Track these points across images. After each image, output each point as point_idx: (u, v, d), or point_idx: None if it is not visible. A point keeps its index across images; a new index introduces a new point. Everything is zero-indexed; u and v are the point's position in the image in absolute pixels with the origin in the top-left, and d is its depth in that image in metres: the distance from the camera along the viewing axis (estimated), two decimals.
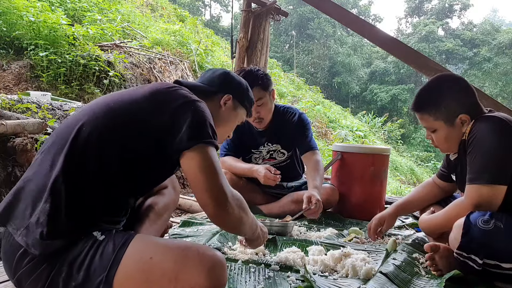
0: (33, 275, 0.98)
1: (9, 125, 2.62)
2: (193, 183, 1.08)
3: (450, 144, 1.68)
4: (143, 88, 1.19)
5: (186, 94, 1.18)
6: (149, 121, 1.11)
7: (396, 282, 1.39)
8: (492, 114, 1.58)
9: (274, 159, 2.58)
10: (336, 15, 3.21)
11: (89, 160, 1.04)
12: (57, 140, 1.09)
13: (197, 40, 8.63)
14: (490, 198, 1.42)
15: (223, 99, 1.39)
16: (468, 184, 1.49)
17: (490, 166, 1.45)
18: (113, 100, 1.15)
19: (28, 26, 4.97)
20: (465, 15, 37.84)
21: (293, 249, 1.65)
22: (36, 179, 1.04)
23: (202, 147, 1.09)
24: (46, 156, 1.08)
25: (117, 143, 1.08)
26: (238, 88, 1.46)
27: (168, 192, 1.56)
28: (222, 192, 1.08)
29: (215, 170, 1.08)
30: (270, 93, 2.40)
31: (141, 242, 1.01)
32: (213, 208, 1.07)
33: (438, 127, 1.64)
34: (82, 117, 1.11)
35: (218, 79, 1.42)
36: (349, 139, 9.39)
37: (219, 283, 0.98)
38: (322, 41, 33.18)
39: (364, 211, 2.49)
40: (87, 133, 1.06)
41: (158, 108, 1.12)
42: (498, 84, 28.76)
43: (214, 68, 1.51)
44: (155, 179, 1.26)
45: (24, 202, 1.02)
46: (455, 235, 1.40)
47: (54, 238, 0.97)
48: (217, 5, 37.73)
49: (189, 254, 0.97)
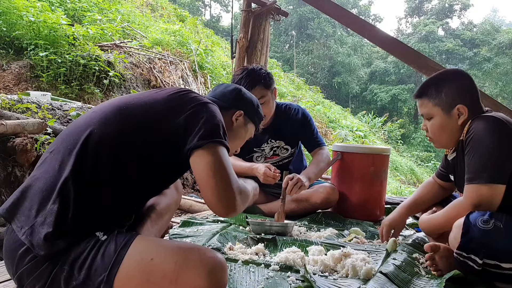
0: (35, 273, 0.98)
1: (9, 125, 2.62)
2: (202, 182, 1.08)
3: (444, 135, 1.67)
4: (157, 93, 1.21)
5: (200, 97, 1.20)
6: (164, 125, 1.11)
7: (396, 282, 1.39)
8: (489, 114, 1.58)
9: (278, 155, 2.58)
10: (336, 15, 3.21)
11: (101, 164, 1.04)
12: (67, 140, 1.09)
13: (197, 40, 8.63)
14: (489, 198, 1.42)
15: (235, 115, 1.42)
16: (467, 184, 1.49)
17: (488, 166, 1.45)
18: (125, 104, 1.15)
19: (28, 26, 4.97)
20: (465, 15, 37.82)
21: (293, 249, 1.65)
22: (45, 178, 1.04)
23: (213, 146, 1.09)
24: (55, 155, 1.07)
25: (131, 148, 1.08)
26: (250, 105, 1.49)
27: (170, 193, 1.56)
28: (231, 193, 1.08)
29: (224, 170, 1.09)
30: (272, 92, 2.40)
31: (142, 243, 1.02)
32: (221, 209, 1.08)
33: (435, 113, 1.64)
34: (93, 119, 1.11)
35: (231, 95, 1.44)
36: (349, 139, 9.39)
37: (220, 285, 0.98)
38: (322, 41, 33.18)
39: (364, 211, 2.49)
40: (99, 136, 1.06)
41: (173, 111, 1.13)
42: (498, 84, 28.76)
43: (225, 83, 1.54)
44: (166, 183, 1.28)
45: (30, 201, 1.03)
46: (455, 235, 1.40)
47: (58, 239, 0.97)
48: (217, 5, 37.75)
49: (190, 256, 0.98)
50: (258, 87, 2.29)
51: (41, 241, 0.96)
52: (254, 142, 2.56)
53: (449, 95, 1.61)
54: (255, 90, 2.28)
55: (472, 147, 1.51)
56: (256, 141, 2.55)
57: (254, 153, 2.58)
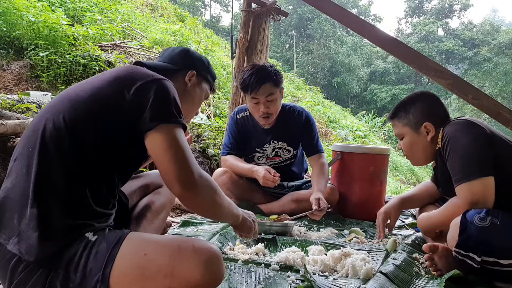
0: (30, 281, 0.96)
1: (9, 125, 2.62)
2: (158, 164, 1.04)
3: (416, 151, 1.80)
4: (105, 74, 1.16)
5: (149, 73, 1.14)
6: (115, 105, 1.07)
7: (396, 282, 1.39)
8: (457, 118, 1.67)
9: (279, 156, 2.58)
10: (336, 15, 3.20)
11: (63, 155, 1.01)
12: (27, 143, 1.06)
13: (197, 40, 8.64)
14: (482, 192, 1.44)
15: (187, 75, 1.37)
16: (457, 185, 1.51)
17: (471, 162, 1.49)
18: (75, 92, 1.11)
19: (28, 26, 4.96)
20: (465, 15, 37.87)
21: (293, 249, 1.65)
22: (16, 186, 1.02)
23: (165, 127, 1.05)
24: (20, 161, 1.04)
25: (87, 132, 1.04)
26: (200, 64, 1.44)
27: (164, 191, 1.55)
28: (188, 171, 1.03)
29: (181, 149, 1.04)
30: (280, 90, 2.39)
31: (134, 239, 1.01)
32: (180, 188, 1.02)
33: (406, 133, 1.79)
34: (45, 115, 1.07)
35: (179, 56, 1.40)
36: (349, 139, 9.38)
37: (216, 276, 0.97)
38: (322, 41, 33.18)
39: (364, 211, 2.49)
40: (54, 128, 1.03)
41: (122, 90, 1.08)
42: (498, 84, 28.76)
43: (172, 46, 1.49)
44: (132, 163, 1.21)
45: (10, 212, 1.00)
46: (453, 234, 1.41)
47: (47, 241, 0.96)
48: (217, 5, 37.75)
49: (184, 248, 0.96)
50: (268, 83, 2.28)
51: (30, 247, 0.95)
52: (256, 142, 2.55)
53: (415, 115, 1.75)
54: (264, 86, 2.27)
55: (450, 151, 1.57)
56: (259, 141, 2.55)
57: (255, 153, 2.58)
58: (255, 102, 2.34)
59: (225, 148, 2.57)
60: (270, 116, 2.38)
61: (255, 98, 2.32)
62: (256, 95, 2.30)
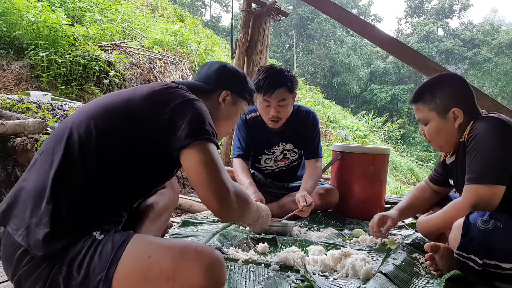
0: (33, 275, 0.98)
1: (9, 125, 2.62)
2: (194, 180, 1.09)
3: (442, 138, 1.68)
4: (142, 89, 1.20)
5: (184, 93, 1.18)
6: (148, 121, 1.11)
7: (396, 282, 1.39)
8: (492, 115, 1.57)
9: (288, 158, 2.56)
10: (336, 15, 3.21)
11: (87, 160, 1.04)
12: (55, 140, 1.09)
13: (197, 40, 8.64)
14: (488, 198, 1.42)
15: (222, 96, 1.39)
16: (467, 183, 1.49)
17: (489, 167, 1.45)
18: (111, 101, 1.15)
19: (28, 26, 4.97)
20: (465, 15, 37.82)
21: (293, 249, 1.65)
22: (36, 179, 1.04)
23: (201, 143, 1.09)
24: (45, 156, 1.08)
25: (116, 143, 1.08)
26: (236, 82, 1.45)
27: (167, 192, 1.56)
28: (224, 188, 1.08)
29: (215, 166, 1.09)
30: (293, 96, 2.36)
31: (139, 241, 1.02)
32: (216, 205, 1.07)
33: (431, 118, 1.66)
34: (79, 117, 1.11)
35: (215, 75, 1.41)
36: (349, 139, 9.39)
37: (218, 281, 0.98)
38: (322, 41, 33.17)
39: (364, 211, 2.49)
40: (84, 133, 1.07)
41: (157, 108, 1.12)
42: (498, 84, 28.75)
43: (209, 62, 1.50)
44: (156, 180, 1.26)
45: (24, 203, 1.03)
46: (455, 235, 1.40)
47: (56, 239, 0.97)
48: (217, 5, 37.74)
49: (187, 253, 0.98)
50: (282, 88, 2.24)
51: (39, 242, 0.96)
52: (265, 143, 2.53)
53: (443, 99, 1.62)
54: (278, 91, 2.23)
55: (474, 146, 1.50)
56: (268, 142, 2.52)
57: (263, 155, 2.54)
58: (266, 105, 2.29)
59: (235, 149, 2.52)
60: (279, 120, 2.34)
61: (267, 101, 2.27)
62: (269, 98, 2.25)
